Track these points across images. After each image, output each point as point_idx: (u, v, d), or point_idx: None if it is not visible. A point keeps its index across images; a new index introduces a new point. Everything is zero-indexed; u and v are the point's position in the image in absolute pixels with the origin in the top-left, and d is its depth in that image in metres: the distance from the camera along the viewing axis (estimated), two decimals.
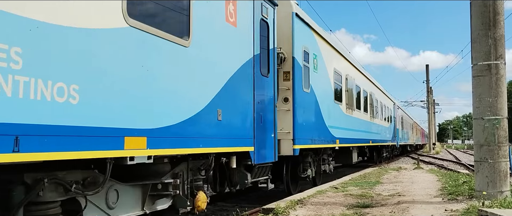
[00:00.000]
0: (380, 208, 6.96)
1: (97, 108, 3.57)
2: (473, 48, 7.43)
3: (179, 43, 4.80)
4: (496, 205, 6.12)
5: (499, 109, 7.12)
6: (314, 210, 6.77)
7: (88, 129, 3.45)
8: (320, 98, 10.41)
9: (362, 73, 17.12)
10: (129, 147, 3.90)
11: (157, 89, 4.38)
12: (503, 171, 7.08)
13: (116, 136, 3.77)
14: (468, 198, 7.39)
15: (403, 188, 10.00)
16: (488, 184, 7.04)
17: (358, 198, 8.23)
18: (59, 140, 3.18)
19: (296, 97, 8.75)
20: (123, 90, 3.90)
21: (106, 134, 3.64)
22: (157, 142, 4.32)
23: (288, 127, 8.57)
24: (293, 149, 8.51)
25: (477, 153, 7.32)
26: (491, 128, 7.11)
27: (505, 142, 7.19)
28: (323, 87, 10.85)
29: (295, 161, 9.57)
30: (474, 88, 7.37)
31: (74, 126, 3.32)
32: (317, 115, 10.30)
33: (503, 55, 7.24)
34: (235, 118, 6.20)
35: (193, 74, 5.14)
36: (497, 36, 7.17)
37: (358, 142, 15.13)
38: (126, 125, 3.90)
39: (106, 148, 3.65)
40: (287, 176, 9.49)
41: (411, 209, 6.68)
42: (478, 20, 7.29)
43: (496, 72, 7.13)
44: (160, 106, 4.45)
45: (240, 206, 9.05)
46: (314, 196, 8.48)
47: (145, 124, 4.17)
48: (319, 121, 10.42)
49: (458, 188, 8.58)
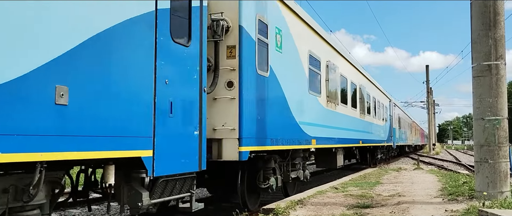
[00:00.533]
0: (380, 208, 6.95)
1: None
2: (473, 49, 7.44)
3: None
4: (497, 205, 6.12)
5: (499, 109, 7.12)
6: (314, 211, 6.77)
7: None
8: (286, 86, 8.00)
9: (350, 62, 14.45)
10: None
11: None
12: (503, 171, 7.08)
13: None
14: (468, 198, 7.39)
15: (403, 188, 9.99)
16: (489, 184, 7.04)
17: (358, 198, 8.23)
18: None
19: (246, 81, 6.46)
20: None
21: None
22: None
23: (232, 122, 6.27)
24: (240, 152, 6.23)
25: (477, 153, 7.32)
26: (491, 129, 7.11)
27: (505, 143, 7.19)
28: (291, 72, 8.46)
29: (253, 167, 7.48)
30: (474, 89, 7.37)
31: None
32: (282, 107, 7.93)
33: (504, 55, 7.24)
34: (107, 103, 4.01)
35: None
36: (497, 37, 7.17)
37: (344, 142, 12.69)
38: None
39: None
40: (243, 187, 7.27)
41: (411, 209, 6.68)
42: (478, 20, 7.29)
43: (496, 73, 7.13)
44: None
45: (240, 206, 9.04)
46: (314, 196, 8.48)
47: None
48: (285, 116, 8.08)
49: (458, 188, 8.58)
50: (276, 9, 7.89)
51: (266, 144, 7.15)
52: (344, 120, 12.82)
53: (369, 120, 17.69)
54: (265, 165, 7.63)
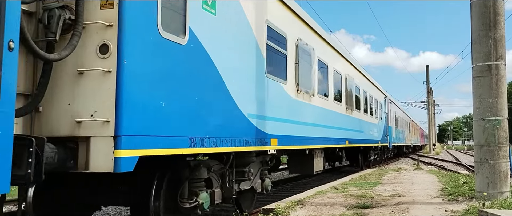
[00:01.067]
0: (380, 208, 6.96)
1: None
2: (473, 49, 7.44)
3: None
4: (497, 205, 6.12)
5: (500, 109, 7.12)
6: (314, 211, 6.77)
7: None
8: (222, 62, 5.59)
9: (332, 47, 11.81)
10: None
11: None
12: (503, 171, 7.08)
13: None
14: (468, 198, 7.39)
15: (403, 188, 10.00)
16: (489, 184, 7.04)
17: (358, 198, 8.23)
18: None
19: (133, 45, 4.05)
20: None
21: None
22: None
23: (105, 110, 3.88)
24: (118, 158, 3.80)
25: (477, 153, 7.32)
26: (491, 129, 7.11)
27: (505, 143, 7.19)
28: (233, 44, 5.99)
29: (176, 176, 5.26)
30: (474, 89, 7.38)
31: None
32: (214, 91, 5.46)
33: (504, 55, 7.24)
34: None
35: None
36: (497, 37, 7.17)
37: (323, 142, 10.26)
38: None
39: None
40: (158, 203, 4.93)
41: (411, 209, 6.68)
42: (478, 20, 7.30)
43: (496, 73, 7.14)
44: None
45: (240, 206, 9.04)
46: (314, 196, 8.48)
47: None
48: (220, 104, 5.62)
49: (458, 188, 8.58)
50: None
51: (177, 146, 4.63)
52: (323, 116, 10.39)
53: (359, 117, 15.34)
54: (192, 174, 5.37)
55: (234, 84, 5.90)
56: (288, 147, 8.13)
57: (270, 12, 7.32)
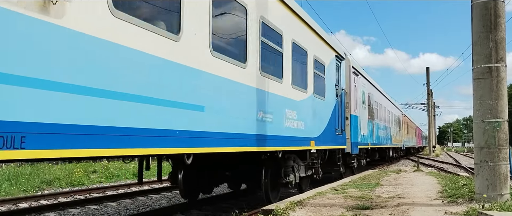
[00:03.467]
0: (380, 210, 6.95)
1: None
2: (474, 51, 7.43)
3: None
4: (496, 208, 6.12)
5: (500, 111, 7.12)
6: (314, 212, 6.76)
7: None
8: None
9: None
10: None
11: None
12: (503, 174, 7.07)
13: None
14: (468, 200, 7.38)
15: (403, 190, 9.98)
16: (488, 187, 7.03)
17: (358, 200, 8.22)
18: None
19: None
20: None
21: None
22: None
23: None
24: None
25: (477, 155, 7.32)
26: (491, 131, 7.10)
27: (506, 145, 7.18)
28: None
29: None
30: (474, 91, 7.37)
31: None
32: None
33: (504, 58, 7.23)
34: None
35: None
36: (498, 39, 7.17)
37: None
38: None
39: None
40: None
41: (411, 211, 6.67)
42: (479, 22, 7.29)
43: (497, 75, 7.13)
44: None
45: (240, 207, 9.04)
46: (313, 197, 8.47)
47: None
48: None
49: (458, 190, 8.57)
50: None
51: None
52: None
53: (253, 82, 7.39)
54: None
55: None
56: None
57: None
